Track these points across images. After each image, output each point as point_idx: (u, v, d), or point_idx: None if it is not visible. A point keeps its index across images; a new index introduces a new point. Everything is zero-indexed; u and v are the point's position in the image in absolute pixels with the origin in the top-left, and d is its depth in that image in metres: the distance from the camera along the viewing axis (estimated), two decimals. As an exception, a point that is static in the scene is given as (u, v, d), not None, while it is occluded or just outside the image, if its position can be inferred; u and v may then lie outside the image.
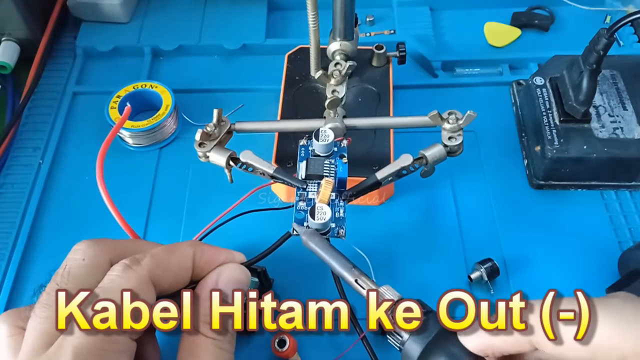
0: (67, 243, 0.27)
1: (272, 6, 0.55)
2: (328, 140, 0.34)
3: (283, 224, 0.33)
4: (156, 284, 0.26)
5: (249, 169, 0.35)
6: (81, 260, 0.26)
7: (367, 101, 0.43)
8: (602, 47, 0.36)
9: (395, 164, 0.34)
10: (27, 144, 0.46)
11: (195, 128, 0.36)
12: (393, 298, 0.28)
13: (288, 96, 0.44)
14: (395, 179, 0.35)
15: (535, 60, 0.50)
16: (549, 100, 0.42)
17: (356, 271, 0.29)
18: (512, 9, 0.53)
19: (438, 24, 0.54)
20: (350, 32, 0.42)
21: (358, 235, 0.33)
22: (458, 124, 0.35)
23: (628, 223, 0.40)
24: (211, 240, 0.36)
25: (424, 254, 0.39)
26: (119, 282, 0.25)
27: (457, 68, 0.50)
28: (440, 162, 0.35)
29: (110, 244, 0.28)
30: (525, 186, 0.43)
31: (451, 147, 0.35)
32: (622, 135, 0.40)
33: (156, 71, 0.51)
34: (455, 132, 0.35)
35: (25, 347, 0.24)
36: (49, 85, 0.50)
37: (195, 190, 0.43)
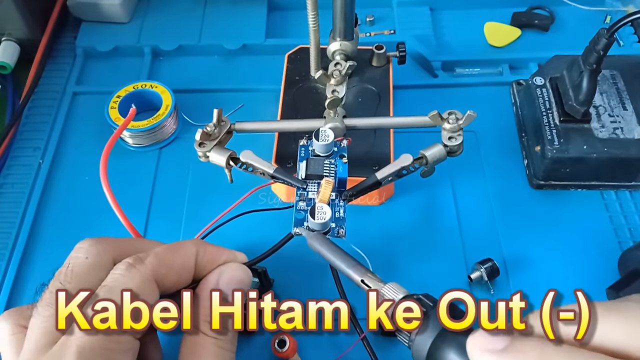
0: (67, 243, 0.27)
1: (272, 6, 0.55)
2: (328, 140, 0.34)
3: (283, 224, 0.33)
4: (159, 283, 0.26)
5: (249, 169, 0.35)
6: (84, 258, 0.26)
7: (367, 101, 0.43)
8: (602, 47, 0.36)
9: (395, 164, 0.34)
10: (27, 144, 0.46)
11: (195, 128, 0.36)
12: (394, 297, 0.28)
13: (288, 96, 0.44)
14: (395, 179, 0.35)
15: (535, 60, 0.50)
16: (549, 100, 0.42)
17: (362, 269, 0.29)
18: (512, 9, 0.53)
19: (438, 24, 0.54)
20: (350, 32, 0.42)
21: (358, 235, 0.33)
22: (458, 124, 0.35)
23: (628, 223, 0.40)
24: (211, 240, 0.36)
25: (424, 254, 0.39)
26: (122, 281, 0.25)
27: (457, 68, 0.50)
28: (440, 162, 0.35)
29: (113, 242, 0.28)
30: (525, 186, 0.43)
31: (451, 147, 0.35)
32: (622, 135, 0.40)
33: (156, 71, 0.51)
34: (455, 132, 0.35)
35: (28, 346, 0.24)
36: (49, 85, 0.50)
37: (195, 190, 0.43)
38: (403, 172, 0.35)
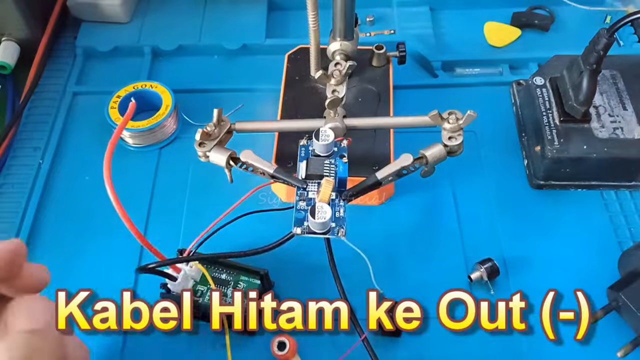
0: (67, 243, 0.27)
1: (272, 6, 0.55)
2: (328, 140, 0.34)
3: (283, 224, 0.33)
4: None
5: (249, 169, 0.35)
6: None
7: (367, 101, 0.43)
8: (602, 47, 0.36)
9: (395, 163, 0.34)
10: (27, 144, 0.46)
11: (195, 128, 0.36)
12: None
13: (288, 96, 0.44)
14: (395, 179, 0.35)
15: (535, 60, 0.50)
16: (549, 100, 0.42)
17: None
18: (512, 9, 0.53)
19: (438, 24, 0.54)
20: (350, 32, 0.42)
21: (358, 235, 0.33)
22: (458, 124, 0.35)
23: (628, 223, 0.40)
24: (212, 241, 0.36)
25: (424, 254, 0.39)
26: None
27: (457, 68, 0.50)
28: (440, 162, 0.35)
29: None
30: (525, 186, 0.43)
31: (451, 147, 0.35)
32: (622, 135, 0.40)
33: (156, 71, 0.51)
34: (456, 132, 0.35)
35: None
36: (49, 85, 0.50)
37: (195, 190, 0.43)
38: (403, 172, 0.35)
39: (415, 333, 0.33)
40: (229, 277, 0.36)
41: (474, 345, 0.34)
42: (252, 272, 0.36)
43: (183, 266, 0.34)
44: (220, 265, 0.37)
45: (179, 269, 0.34)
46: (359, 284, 0.32)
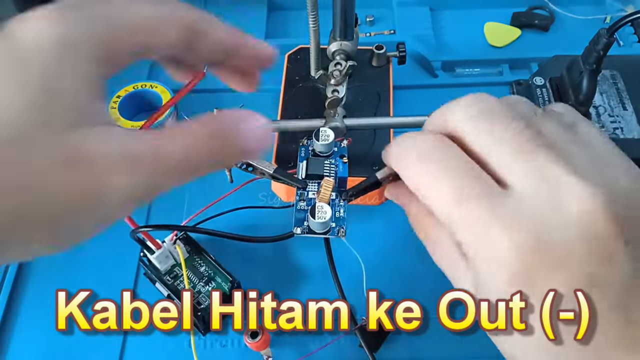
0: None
1: (272, 6, 0.55)
2: (328, 140, 0.34)
3: (283, 224, 0.33)
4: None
5: (249, 169, 0.35)
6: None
7: (367, 101, 0.43)
8: (602, 47, 0.36)
9: (395, 164, 0.34)
10: (27, 144, 0.46)
11: (195, 128, 0.36)
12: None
13: (288, 96, 0.44)
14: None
15: (535, 60, 0.50)
16: (549, 100, 0.42)
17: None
18: (512, 9, 0.53)
19: (438, 24, 0.54)
20: (350, 32, 0.42)
21: (358, 235, 0.33)
22: (458, 124, 0.35)
23: (628, 223, 0.40)
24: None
25: (424, 253, 0.39)
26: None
27: (457, 68, 0.50)
28: (440, 162, 0.35)
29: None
30: (525, 186, 0.42)
31: (451, 147, 0.35)
32: (622, 135, 0.40)
33: (156, 71, 0.51)
34: (455, 132, 0.35)
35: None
36: (49, 85, 0.50)
37: (195, 190, 0.43)
38: (403, 172, 0.35)
39: (415, 333, 0.33)
40: (206, 272, 0.37)
41: (474, 345, 0.34)
42: (226, 278, 0.36)
43: (166, 243, 0.36)
44: (203, 259, 0.37)
45: (160, 245, 0.35)
46: (354, 285, 0.32)
